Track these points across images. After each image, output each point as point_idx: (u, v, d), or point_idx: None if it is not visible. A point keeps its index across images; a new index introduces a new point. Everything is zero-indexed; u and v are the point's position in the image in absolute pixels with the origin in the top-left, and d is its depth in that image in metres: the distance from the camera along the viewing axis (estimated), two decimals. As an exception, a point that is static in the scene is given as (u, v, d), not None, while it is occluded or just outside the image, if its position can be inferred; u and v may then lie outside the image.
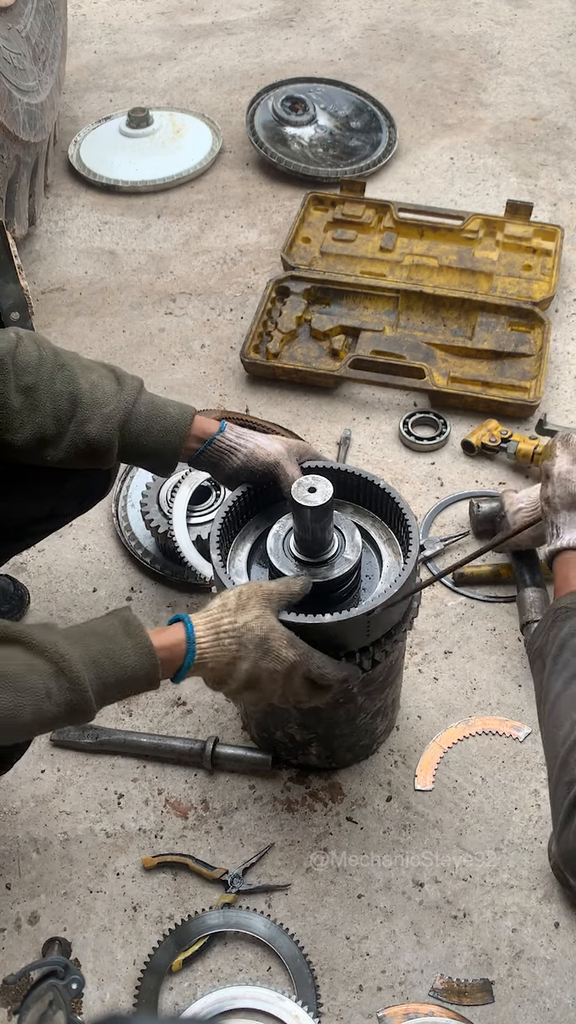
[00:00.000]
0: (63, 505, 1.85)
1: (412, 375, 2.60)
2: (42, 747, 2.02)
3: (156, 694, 2.08)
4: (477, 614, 2.20)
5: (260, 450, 1.68)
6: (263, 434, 1.72)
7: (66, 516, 1.91)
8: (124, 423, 1.61)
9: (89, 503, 1.89)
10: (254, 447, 1.68)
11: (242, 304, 2.91)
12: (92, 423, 1.58)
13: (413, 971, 1.73)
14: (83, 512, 1.92)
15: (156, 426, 1.63)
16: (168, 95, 3.67)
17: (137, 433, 1.62)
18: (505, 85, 3.66)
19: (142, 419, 1.62)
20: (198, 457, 1.69)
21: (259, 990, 1.68)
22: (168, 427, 1.64)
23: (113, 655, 1.37)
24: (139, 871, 1.86)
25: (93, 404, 1.59)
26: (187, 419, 1.65)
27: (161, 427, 1.63)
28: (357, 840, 1.88)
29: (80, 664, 1.34)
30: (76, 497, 1.85)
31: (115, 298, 2.96)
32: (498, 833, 1.88)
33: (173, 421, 1.64)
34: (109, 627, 1.41)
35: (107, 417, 1.59)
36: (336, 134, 3.39)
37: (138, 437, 1.62)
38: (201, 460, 1.70)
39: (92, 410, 1.58)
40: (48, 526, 1.92)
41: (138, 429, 1.62)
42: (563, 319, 2.82)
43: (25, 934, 1.79)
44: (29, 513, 1.81)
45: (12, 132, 2.62)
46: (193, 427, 1.66)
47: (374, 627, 1.61)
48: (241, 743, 2.00)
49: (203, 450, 1.68)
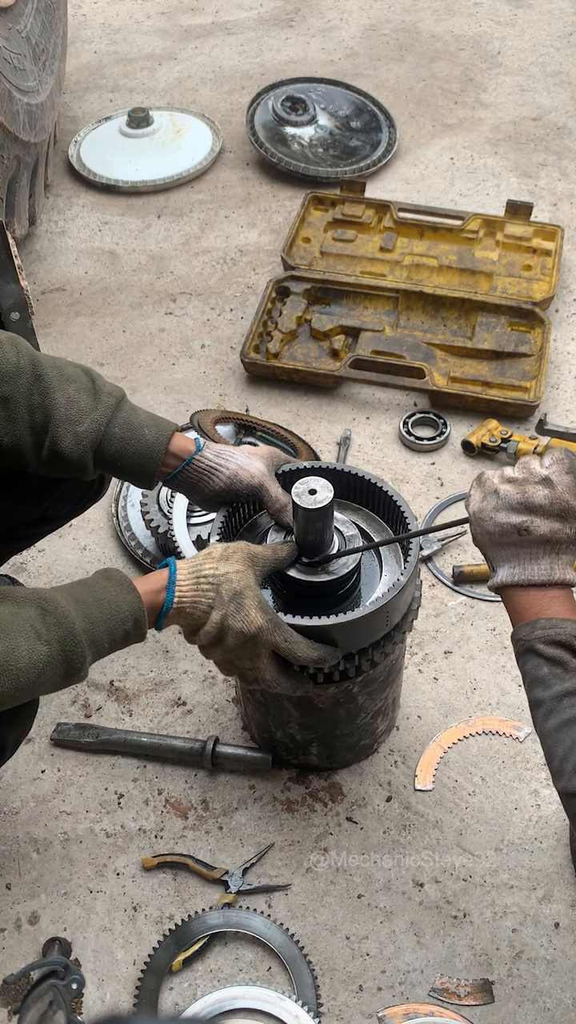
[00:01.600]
0: (57, 508, 1.83)
1: (412, 375, 2.60)
2: (42, 747, 2.02)
3: (156, 694, 2.08)
4: (477, 614, 2.20)
5: (243, 472, 1.64)
6: (241, 451, 1.67)
7: (59, 519, 1.89)
8: (98, 443, 1.56)
9: (82, 506, 1.88)
10: (236, 468, 1.64)
11: (242, 304, 2.91)
12: (64, 441, 1.53)
13: (413, 971, 1.73)
14: (76, 515, 1.91)
15: (130, 448, 1.57)
16: (168, 95, 3.67)
17: (111, 453, 1.57)
18: (505, 85, 3.66)
19: (116, 440, 1.56)
20: (176, 478, 1.64)
21: (259, 990, 1.68)
22: (142, 450, 1.58)
23: (95, 592, 1.40)
24: (139, 871, 1.86)
25: (67, 421, 1.53)
26: (163, 441, 1.59)
27: (135, 449, 1.58)
28: (357, 840, 1.88)
29: (64, 601, 1.36)
30: (69, 500, 1.83)
31: (115, 298, 2.96)
32: (498, 833, 1.88)
33: (148, 444, 1.58)
34: (90, 578, 1.45)
35: (79, 436, 1.54)
36: (336, 134, 3.39)
37: (112, 457, 1.58)
38: (179, 481, 1.65)
39: (65, 427, 1.53)
40: (41, 529, 1.90)
41: (112, 450, 1.57)
42: (563, 319, 2.82)
43: (25, 934, 1.79)
44: (22, 515, 1.80)
45: (12, 132, 2.62)
46: (170, 448, 1.61)
47: (371, 628, 1.61)
48: (241, 743, 2.00)
49: (181, 470, 1.63)
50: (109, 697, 2.09)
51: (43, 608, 1.35)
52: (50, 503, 1.80)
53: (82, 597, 1.39)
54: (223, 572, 1.47)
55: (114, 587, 1.42)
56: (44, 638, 1.33)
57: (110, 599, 1.40)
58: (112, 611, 1.40)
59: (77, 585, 1.43)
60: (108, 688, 2.10)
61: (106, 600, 1.40)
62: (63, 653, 1.35)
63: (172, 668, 2.13)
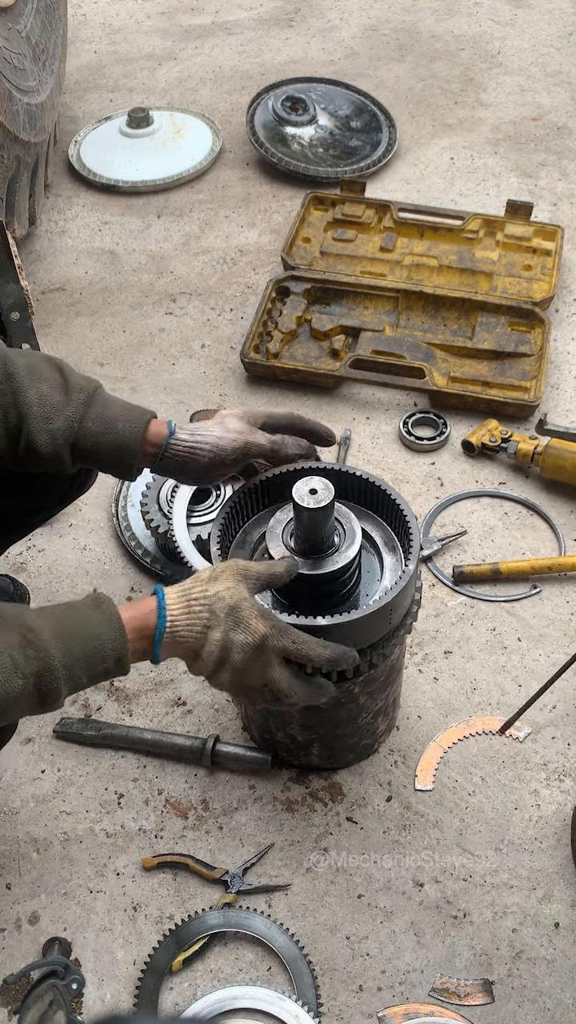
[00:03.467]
0: (43, 499, 1.84)
1: (412, 375, 2.60)
2: (42, 747, 2.02)
3: (156, 694, 2.08)
4: (477, 614, 2.20)
5: (224, 439, 1.61)
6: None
7: (48, 508, 1.89)
8: (73, 440, 1.55)
9: (71, 495, 1.88)
10: (215, 439, 1.61)
11: (242, 304, 2.91)
12: (39, 439, 1.53)
13: (413, 971, 1.73)
14: (66, 504, 1.91)
15: (105, 442, 1.56)
16: (168, 95, 3.67)
17: (88, 449, 1.56)
18: (505, 85, 3.66)
19: (91, 435, 1.55)
20: (159, 465, 1.63)
21: (259, 990, 1.68)
22: (118, 443, 1.57)
23: (83, 626, 1.37)
24: (139, 871, 1.86)
25: (40, 418, 1.52)
26: (138, 433, 1.58)
27: (110, 443, 1.56)
28: (357, 840, 1.88)
29: (48, 635, 1.33)
30: (54, 490, 1.84)
31: (115, 298, 2.96)
32: (498, 833, 1.88)
33: (123, 437, 1.57)
34: (81, 603, 1.41)
35: (53, 434, 1.53)
36: (336, 134, 3.39)
37: (89, 452, 1.57)
38: (163, 467, 1.63)
39: (39, 424, 1.52)
40: (33, 519, 1.91)
41: (88, 445, 1.56)
42: (563, 319, 2.82)
43: (25, 934, 1.79)
44: (9, 506, 1.80)
45: (12, 132, 2.62)
46: (147, 437, 1.59)
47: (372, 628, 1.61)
48: (242, 743, 2.00)
49: (161, 457, 1.61)
50: (109, 697, 2.09)
51: (25, 638, 1.32)
52: (36, 495, 1.80)
53: (67, 629, 1.35)
54: (214, 592, 1.43)
55: (102, 623, 1.38)
56: (21, 671, 1.31)
57: (95, 635, 1.36)
58: (94, 648, 1.36)
59: (67, 612, 1.39)
60: (108, 688, 2.10)
61: (90, 636, 1.36)
62: (37, 688, 1.33)
63: (172, 668, 2.13)
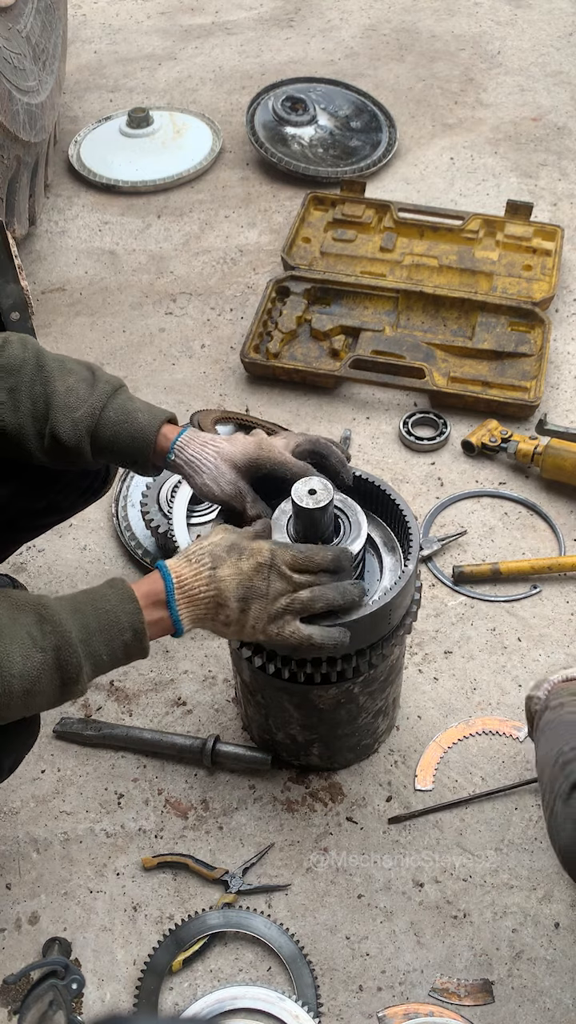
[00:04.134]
0: (61, 499, 1.85)
1: (412, 375, 2.60)
2: (42, 747, 2.02)
3: (156, 694, 2.08)
4: (477, 614, 2.20)
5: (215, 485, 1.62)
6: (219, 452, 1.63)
7: (64, 511, 1.91)
8: (93, 428, 1.59)
9: (87, 499, 1.89)
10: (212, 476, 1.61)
11: (242, 304, 2.91)
12: (62, 426, 1.57)
13: (413, 971, 1.73)
14: (81, 508, 1.92)
15: (124, 432, 1.60)
16: (168, 95, 3.67)
17: (107, 438, 1.60)
18: (505, 85, 3.66)
19: (111, 424, 1.59)
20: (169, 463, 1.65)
21: (259, 990, 1.68)
22: (135, 433, 1.60)
23: (95, 601, 1.41)
24: (139, 871, 1.86)
25: (65, 407, 1.58)
26: (155, 424, 1.61)
27: (129, 433, 1.60)
28: (357, 840, 1.88)
29: (62, 611, 1.37)
30: (73, 492, 1.85)
31: (115, 298, 2.96)
32: (498, 833, 1.88)
33: (140, 427, 1.60)
34: (95, 587, 1.46)
35: (76, 421, 1.58)
36: (336, 134, 3.39)
37: (108, 442, 1.60)
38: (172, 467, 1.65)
39: (63, 413, 1.57)
40: (46, 520, 1.92)
41: (107, 434, 1.60)
42: (563, 319, 2.82)
43: (25, 934, 1.79)
44: (26, 505, 1.81)
45: (12, 132, 2.62)
46: (163, 431, 1.62)
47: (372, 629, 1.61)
48: (242, 743, 2.00)
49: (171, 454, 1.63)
50: (109, 697, 2.09)
51: (41, 615, 1.35)
52: (54, 494, 1.82)
53: (82, 607, 1.39)
54: (209, 542, 1.49)
55: (114, 596, 1.42)
56: (40, 645, 1.33)
57: (109, 609, 1.40)
58: (110, 621, 1.39)
59: (81, 593, 1.43)
60: (108, 688, 2.10)
61: (105, 611, 1.40)
62: (58, 661, 1.35)
63: (172, 668, 2.13)
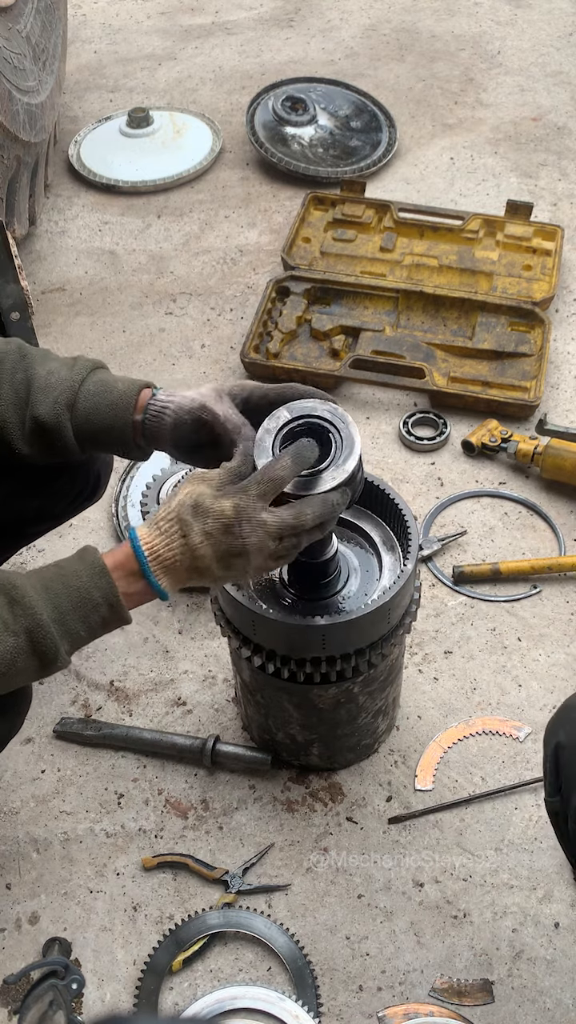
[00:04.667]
0: (52, 504, 1.82)
1: (412, 375, 2.60)
2: (42, 747, 2.02)
3: (156, 693, 2.08)
4: (477, 614, 2.20)
5: (184, 399, 1.53)
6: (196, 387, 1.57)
7: (56, 517, 1.87)
8: (72, 403, 1.54)
9: (79, 505, 1.86)
10: (180, 399, 1.54)
11: (242, 304, 2.91)
12: (42, 405, 1.53)
13: (413, 971, 1.73)
14: (73, 515, 1.89)
15: (103, 401, 1.54)
16: (168, 95, 3.67)
17: (87, 411, 1.54)
18: (505, 85, 3.66)
19: (90, 396, 1.54)
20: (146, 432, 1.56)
21: (259, 990, 1.68)
22: (115, 400, 1.54)
23: (66, 578, 1.36)
24: (139, 871, 1.86)
25: (45, 388, 1.54)
26: (134, 390, 1.54)
27: (108, 401, 1.54)
28: (357, 840, 1.88)
29: (32, 590, 1.33)
30: (65, 497, 1.82)
31: (115, 298, 2.96)
32: (498, 833, 1.88)
33: (119, 394, 1.54)
34: (66, 558, 1.41)
35: (56, 399, 1.54)
36: (336, 134, 3.39)
37: (88, 415, 1.54)
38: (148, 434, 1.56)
39: (43, 394, 1.54)
40: (38, 527, 1.89)
41: (87, 407, 1.54)
42: (563, 319, 2.82)
43: (25, 934, 1.79)
44: (17, 510, 1.78)
45: (12, 132, 2.62)
46: (140, 398, 1.55)
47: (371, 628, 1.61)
48: (242, 743, 2.00)
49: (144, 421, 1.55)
50: (109, 697, 2.09)
51: (11, 597, 1.33)
52: (46, 498, 1.79)
53: (52, 585, 1.36)
54: (174, 503, 1.40)
55: (86, 572, 1.37)
56: (11, 628, 1.32)
57: (80, 586, 1.36)
58: (83, 598, 1.36)
59: (52, 568, 1.39)
60: (108, 688, 2.10)
61: (76, 588, 1.36)
62: (31, 644, 1.33)
63: (172, 668, 2.13)
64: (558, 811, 1.36)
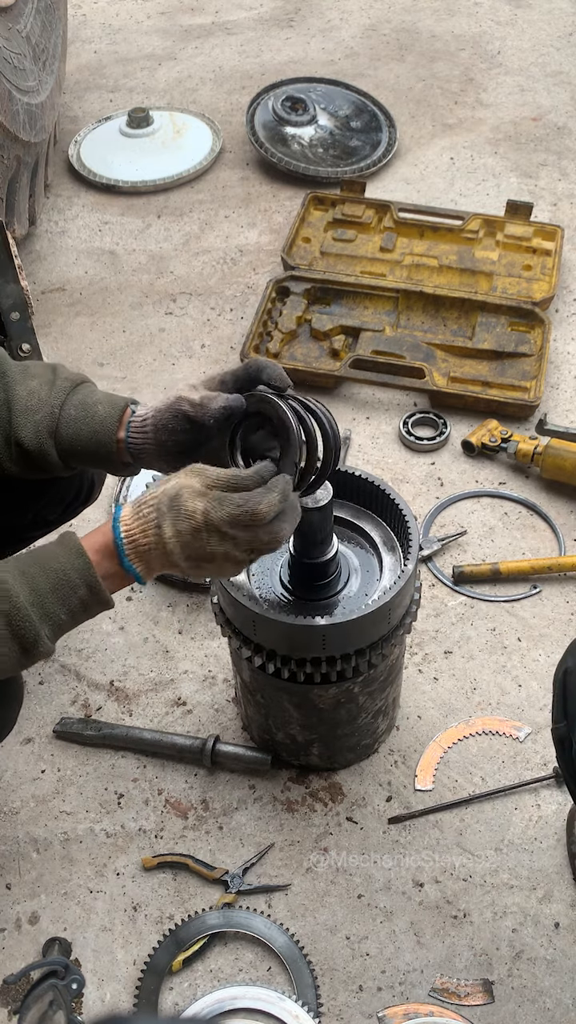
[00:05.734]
0: (46, 512, 1.81)
1: (412, 375, 2.60)
2: (42, 747, 2.02)
3: (156, 694, 2.08)
4: (477, 614, 2.20)
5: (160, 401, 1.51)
6: None
7: (50, 524, 1.86)
8: (54, 429, 1.51)
9: (73, 510, 1.85)
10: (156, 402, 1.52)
11: (242, 304, 2.91)
12: (24, 430, 1.51)
13: (413, 971, 1.73)
14: (67, 520, 1.88)
15: (85, 428, 1.52)
16: (168, 95, 3.67)
17: (69, 437, 1.52)
18: (505, 85, 3.66)
19: (71, 422, 1.52)
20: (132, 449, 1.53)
21: (259, 990, 1.68)
22: (96, 427, 1.52)
23: (43, 561, 1.34)
24: (139, 871, 1.86)
25: (26, 411, 1.51)
26: (116, 413, 1.52)
27: (89, 429, 1.52)
28: (357, 840, 1.88)
29: (7, 574, 1.31)
30: (59, 504, 1.81)
31: (115, 298, 2.96)
32: (498, 833, 1.88)
33: (101, 419, 1.52)
34: (45, 545, 1.39)
35: (37, 423, 1.51)
36: (336, 134, 3.38)
37: (71, 441, 1.52)
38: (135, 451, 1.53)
39: (24, 417, 1.51)
40: (32, 533, 1.88)
41: (69, 433, 1.52)
42: (563, 319, 2.82)
43: (25, 934, 1.79)
44: (11, 520, 1.78)
45: (12, 132, 2.62)
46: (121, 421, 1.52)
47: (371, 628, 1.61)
48: (242, 743, 2.00)
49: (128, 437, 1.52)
50: (109, 697, 2.09)
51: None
52: (39, 507, 1.78)
53: (29, 569, 1.34)
54: (162, 489, 1.37)
55: (64, 553, 1.35)
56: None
57: (58, 568, 1.34)
58: (61, 580, 1.34)
59: (28, 555, 1.37)
60: (108, 688, 2.10)
61: (54, 570, 1.34)
62: (10, 628, 1.31)
63: (172, 668, 2.13)
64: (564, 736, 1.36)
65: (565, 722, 1.35)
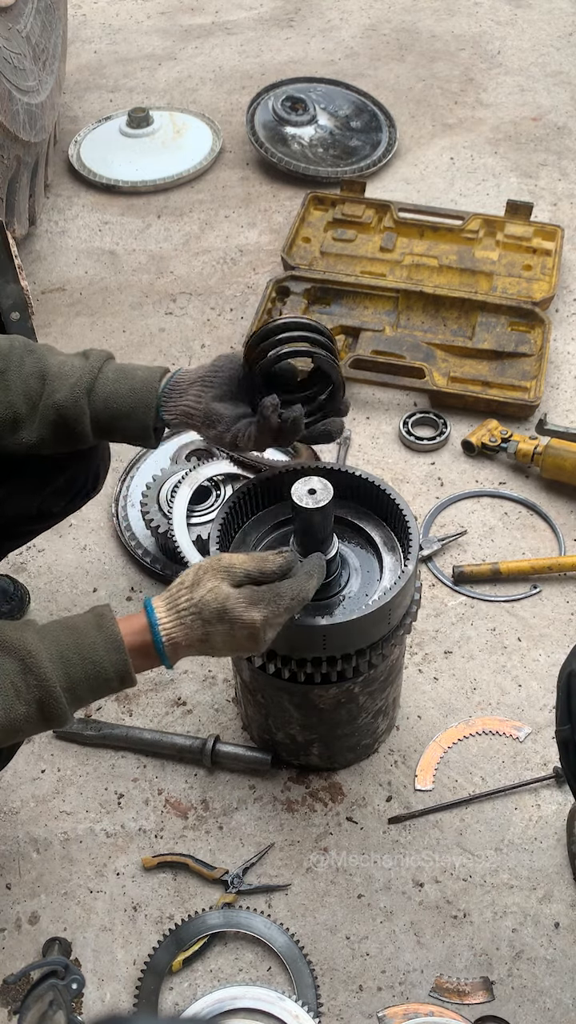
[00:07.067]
0: (52, 503, 1.82)
1: (412, 375, 2.60)
2: (42, 746, 2.02)
3: (156, 693, 2.08)
4: (477, 614, 2.20)
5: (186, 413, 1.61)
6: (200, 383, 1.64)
7: (54, 516, 1.88)
8: (91, 388, 1.58)
9: (77, 503, 1.87)
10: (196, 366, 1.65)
11: (242, 304, 2.91)
12: (60, 392, 1.58)
13: (413, 971, 1.73)
14: (71, 512, 1.90)
15: (124, 387, 1.59)
16: (168, 95, 3.67)
17: (106, 396, 1.58)
18: (505, 85, 3.66)
19: (110, 382, 1.59)
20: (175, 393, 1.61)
21: (259, 990, 1.68)
22: (136, 386, 1.59)
23: (82, 650, 1.36)
24: (139, 871, 1.86)
25: (60, 376, 1.59)
26: (156, 373, 1.61)
27: (129, 387, 1.59)
28: (357, 840, 1.88)
29: (47, 661, 1.33)
30: (64, 495, 1.83)
31: (115, 298, 2.96)
32: (498, 833, 1.88)
33: (141, 378, 1.60)
34: (83, 621, 1.40)
35: (74, 385, 1.58)
36: (336, 134, 3.39)
37: (107, 400, 1.58)
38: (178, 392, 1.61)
39: (59, 381, 1.59)
40: (36, 526, 1.90)
41: (106, 392, 1.59)
42: (563, 319, 2.82)
43: (25, 934, 1.79)
44: (17, 509, 1.79)
45: (12, 132, 2.62)
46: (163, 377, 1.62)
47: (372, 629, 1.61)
48: (242, 743, 2.00)
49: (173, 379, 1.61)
50: (109, 697, 2.09)
51: (25, 664, 1.32)
52: (45, 497, 1.80)
53: (67, 653, 1.35)
54: (199, 597, 1.40)
55: (103, 645, 1.37)
56: (24, 698, 1.31)
57: (96, 660, 1.36)
58: (97, 673, 1.37)
59: (68, 633, 1.38)
60: (108, 688, 2.10)
61: (92, 661, 1.36)
62: (41, 712, 1.33)
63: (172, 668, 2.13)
64: (568, 739, 1.36)
65: (569, 725, 1.35)
